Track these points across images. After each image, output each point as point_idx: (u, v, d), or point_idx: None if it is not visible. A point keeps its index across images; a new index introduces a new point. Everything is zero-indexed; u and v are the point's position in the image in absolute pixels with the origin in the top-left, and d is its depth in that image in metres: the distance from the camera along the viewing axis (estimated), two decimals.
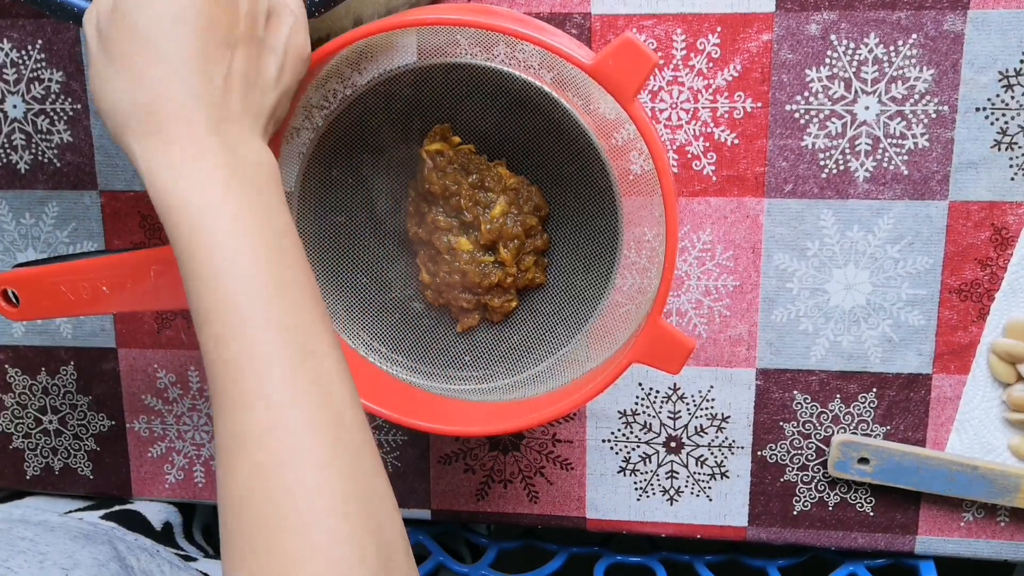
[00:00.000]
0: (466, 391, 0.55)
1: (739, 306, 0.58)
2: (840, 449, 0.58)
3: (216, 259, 0.37)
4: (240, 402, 0.36)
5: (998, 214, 0.55)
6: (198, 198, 0.38)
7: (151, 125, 0.39)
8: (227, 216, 0.38)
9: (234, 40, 0.40)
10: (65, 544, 0.51)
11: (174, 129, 0.39)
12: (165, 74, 0.39)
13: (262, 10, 0.42)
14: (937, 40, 0.53)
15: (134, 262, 0.49)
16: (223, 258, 0.37)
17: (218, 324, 0.37)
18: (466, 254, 0.54)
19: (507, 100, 0.52)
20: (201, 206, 0.38)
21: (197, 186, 0.38)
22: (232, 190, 0.38)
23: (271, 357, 0.37)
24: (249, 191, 0.39)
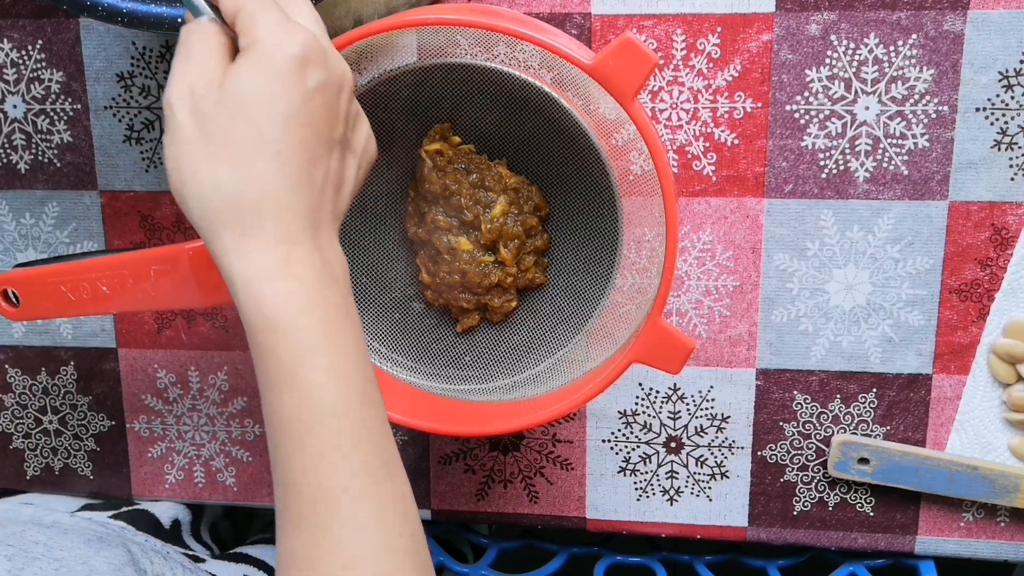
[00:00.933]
0: (466, 391, 0.55)
1: (739, 306, 0.58)
2: (840, 449, 0.58)
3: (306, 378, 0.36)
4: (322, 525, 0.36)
5: (998, 214, 0.55)
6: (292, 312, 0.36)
7: (250, 225, 0.37)
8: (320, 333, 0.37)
9: (332, 142, 0.39)
10: (79, 549, 0.50)
11: (273, 232, 0.37)
12: (274, 173, 0.37)
13: (353, 112, 0.41)
14: (937, 40, 0.53)
15: (134, 262, 0.49)
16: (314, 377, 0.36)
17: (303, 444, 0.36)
18: (466, 254, 0.54)
19: (507, 100, 0.52)
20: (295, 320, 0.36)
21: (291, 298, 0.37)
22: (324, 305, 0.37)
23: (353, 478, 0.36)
24: (337, 303, 0.38)
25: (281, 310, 0.36)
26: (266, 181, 0.37)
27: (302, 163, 0.37)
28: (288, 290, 0.37)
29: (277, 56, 0.37)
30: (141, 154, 0.60)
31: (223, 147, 0.37)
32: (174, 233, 0.61)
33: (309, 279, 0.37)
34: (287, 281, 0.37)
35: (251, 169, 0.37)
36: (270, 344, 0.37)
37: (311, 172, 0.38)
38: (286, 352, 0.36)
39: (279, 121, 0.36)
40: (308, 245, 0.37)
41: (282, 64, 0.37)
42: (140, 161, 0.60)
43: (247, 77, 0.37)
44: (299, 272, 0.37)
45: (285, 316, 0.36)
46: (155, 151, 0.60)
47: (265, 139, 0.36)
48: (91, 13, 0.46)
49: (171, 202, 0.61)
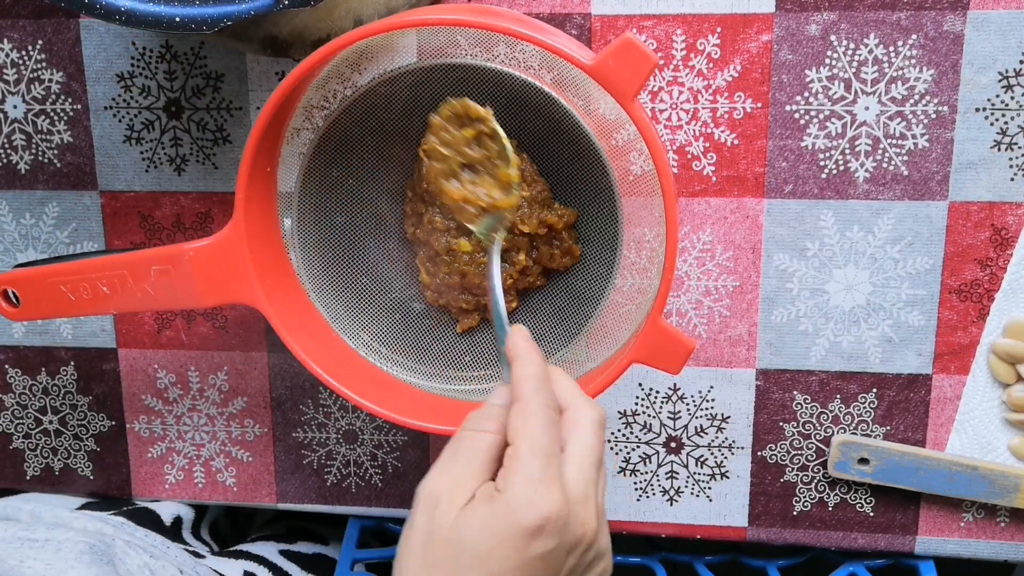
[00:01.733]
0: (466, 391, 0.55)
1: (739, 306, 0.58)
2: (840, 449, 0.58)
3: None
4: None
5: (998, 214, 0.55)
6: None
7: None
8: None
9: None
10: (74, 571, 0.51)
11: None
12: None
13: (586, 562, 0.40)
14: (937, 40, 0.53)
15: (134, 262, 0.49)
16: None
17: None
18: (466, 255, 0.54)
19: (507, 100, 0.52)
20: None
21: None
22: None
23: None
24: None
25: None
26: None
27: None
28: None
29: (513, 518, 0.37)
30: (141, 154, 0.60)
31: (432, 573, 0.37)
32: (174, 233, 0.61)
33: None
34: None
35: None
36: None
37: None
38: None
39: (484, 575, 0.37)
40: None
41: (514, 528, 0.37)
42: (140, 161, 0.60)
43: (476, 524, 0.37)
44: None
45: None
46: (155, 151, 0.60)
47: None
48: (89, 11, 0.46)
49: (171, 202, 0.61)
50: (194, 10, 0.46)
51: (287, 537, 0.70)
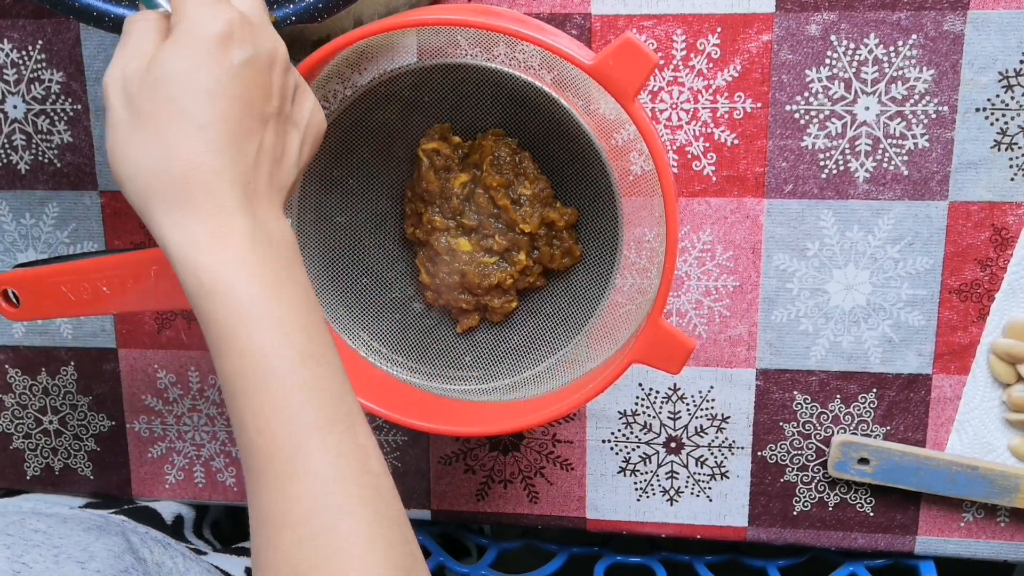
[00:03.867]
0: (466, 391, 0.55)
1: (739, 306, 0.58)
2: (840, 449, 0.58)
3: (247, 339, 0.37)
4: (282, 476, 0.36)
5: (998, 214, 0.55)
6: (228, 277, 0.37)
7: (180, 197, 0.38)
8: (257, 296, 0.37)
9: (266, 116, 0.40)
10: (79, 536, 0.51)
11: (204, 203, 0.38)
12: (199, 146, 0.38)
13: (290, 87, 0.41)
14: (937, 40, 0.53)
15: (134, 262, 0.49)
16: (254, 338, 0.37)
17: (253, 402, 0.37)
18: (465, 255, 0.54)
19: (507, 100, 0.52)
20: (231, 286, 0.37)
21: (226, 265, 0.37)
22: (261, 270, 0.38)
23: (309, 433, 0.37)
24: (277, 268, 0.39)
25: (216, 276, 0.37)
26: (192, 155, 0.38)
27: (230, 136, 0.38)
28: (222, 258, 0.37)
29: (200, 34, 0.38)
30: None
31: (149, 125, 0.38)
32: None
33: (243, 246, 0.38)
34: (221, 249, 0.37)
35: (177, 145, 0.38)
36: (209, 310, 0.37)
37: (241, 145, 0.38)
38: (224, 317, 0.37)
39: (202, 96, 0.37)
40: (242, 215, 0.38)
41: (204, 41, 0.38)
42: None
43: (170, 56, 0.38)
44: (233, 240, 0.38)
45: (220, 282, 0.37)
46: None
47: (189, 114, 0.37)
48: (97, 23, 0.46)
49: None
50: None
51: None
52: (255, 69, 0.39)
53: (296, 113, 0.42)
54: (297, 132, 0.42)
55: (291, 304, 0.38)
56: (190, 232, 0.38)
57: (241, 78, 0.38)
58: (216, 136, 0.38)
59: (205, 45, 0.38)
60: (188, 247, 0.38)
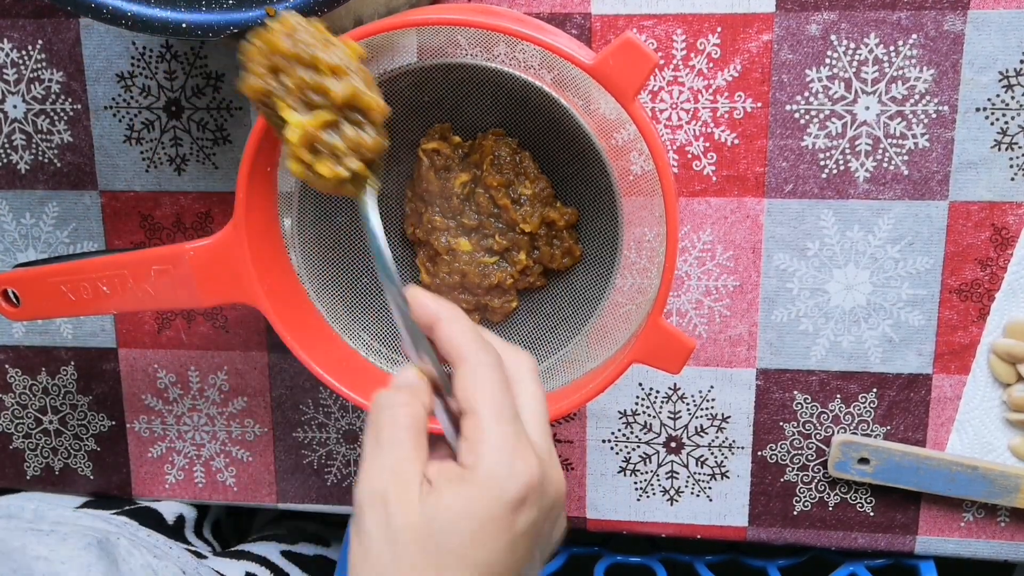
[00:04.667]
0: None
1: (739, 306, 0.58)
2: (840, 449, 0.58)
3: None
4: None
5: (998, 214, 0.55)
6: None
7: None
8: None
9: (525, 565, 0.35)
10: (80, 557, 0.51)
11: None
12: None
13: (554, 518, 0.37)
14: (937, 40, 0.53)
15: (134, 262, 0.49)
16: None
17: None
18: (465, 255, 0.54)
19: (507, 100, 0.52)
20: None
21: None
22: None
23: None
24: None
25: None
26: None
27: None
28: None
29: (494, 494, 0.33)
30: (141, 154, 0.60)
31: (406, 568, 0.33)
32: (174, 233, 0.61)
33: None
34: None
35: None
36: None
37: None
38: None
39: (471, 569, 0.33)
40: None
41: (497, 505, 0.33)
42: (140, 161, 0.60)
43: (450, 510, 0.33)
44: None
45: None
46: (155, 151, 0.60)
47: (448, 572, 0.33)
48: (96, 15, 0.45)
49: (171, 202, 0.61)
50: (201, 16, 0.46)
51: (288, 538, 0.70)
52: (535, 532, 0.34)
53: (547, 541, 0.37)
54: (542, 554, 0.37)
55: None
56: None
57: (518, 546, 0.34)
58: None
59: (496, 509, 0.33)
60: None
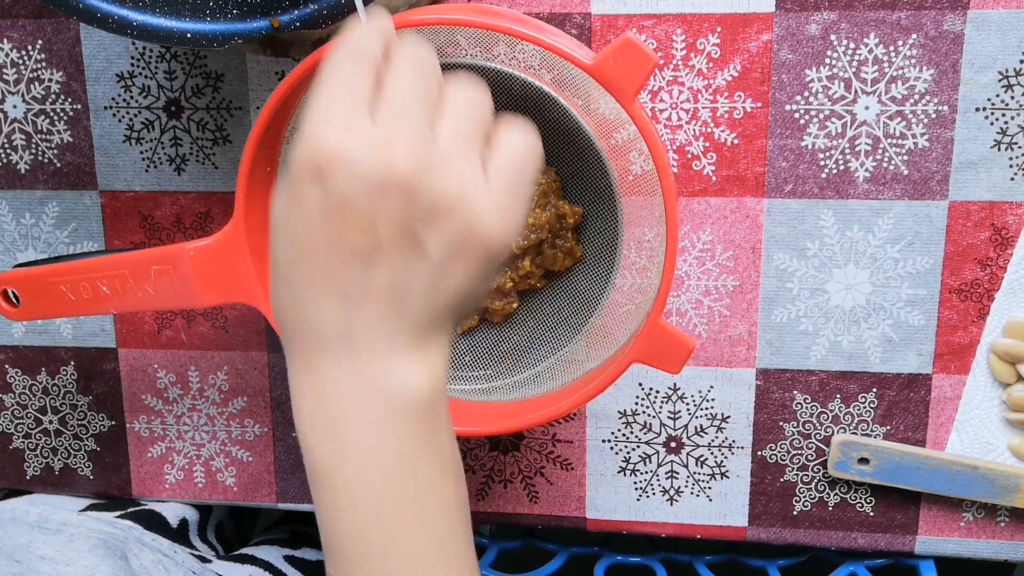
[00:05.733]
0: (466, 391, 0.55)
1: (739, 306, 0.58)
2: (840, 449, 0.58)
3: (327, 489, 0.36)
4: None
5: (998, 214, 0.55)
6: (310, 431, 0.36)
7: (287, 344, 0.37)
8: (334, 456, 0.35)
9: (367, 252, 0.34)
10: (86, 559, 0.51)
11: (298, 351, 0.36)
12: (286, 295, 0.36)
13: (414, 215, 0.34)
14: (937, 40, 0.53)
15: (134, 262, 0.49)
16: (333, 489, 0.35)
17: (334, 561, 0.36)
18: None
19: (507, 100, 0.52)
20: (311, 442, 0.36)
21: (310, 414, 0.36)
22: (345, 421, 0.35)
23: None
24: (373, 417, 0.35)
25: (300, 428, 0.36)
26: (284, 306, 0.36)
27: (311, 283, 0.35)
28: (308, 409, 0.36)
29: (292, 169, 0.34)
30: (141, 154, 0.60)
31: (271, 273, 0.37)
32: (174, 233, 0.61)
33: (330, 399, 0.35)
34: (306, 400, 0.36)
35: (276, 296, 0.37)
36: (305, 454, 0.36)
37: (331, 289, 0.34)
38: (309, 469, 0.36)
39: (283, 241, 0.35)
40: (334, 366, 0.35)
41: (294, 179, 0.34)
42: (140, 161, 0.60)
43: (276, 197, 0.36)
44: (321, 392, 0.35)
45: (304, 436, 0.36)
46: (155, 151, 0.60)
47: (276, 261, 0.36)
48: (101, 24, 0.46)
49: (171, 202, 0.61)
50: (206, 26, 0.46)
51: (291, 543, 0.70)
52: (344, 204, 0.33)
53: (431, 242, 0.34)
54: (426, 263, 0.34)
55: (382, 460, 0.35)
56: (291, 376, 0.37)
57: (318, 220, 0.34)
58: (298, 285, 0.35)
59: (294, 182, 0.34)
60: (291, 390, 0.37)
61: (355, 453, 0.35)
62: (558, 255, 0.54)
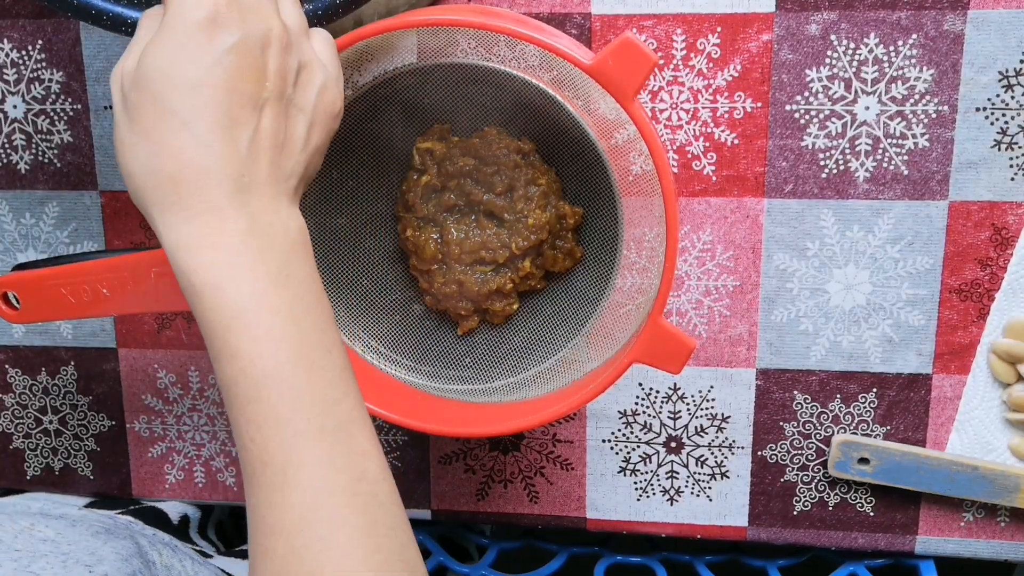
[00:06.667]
0: (467, 392, 0.55)
1: (739, 306, 0.58)
2: (840, 449, 0.58)
3: (237, 344, 0.36)
4: (274, 486, 0.36)
5: (998, 214, 0.55)
6: (217, 280, 0.36)
7: (172, 196, 0.37)
8: (248, 300, 0.36)
9: (261, 102, 0.38)
10: (87, 541, 0.51)
11: (195, 200, 0.37)
12: (186, 142, 0.37)
13: (292, 68, 0.39)
14: (937, 40, 0.53)
15: (134, 264, 0.49)
16: (243, 344, 0.36)
17: (246, 409, 0.36)
18: (461, 267, 0.54)
19: (507, 100, 0.52)
20: (221, 288, 0.36)
21: (217, 266, 0.37)
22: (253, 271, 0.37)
23: (300, 441, 0.36)
24: (273, 268, 0.37)
25: (204, 278, 0.37)
26: (177, 153, 0.37)
27: (216, 128, 0.37)
28: (210, 258, 0.37)
29: (181, 24, 0.36)
30: None
31: (141, 127, 0.37)
32: None
33: (233, 246, 0.37)
34: (211, 250, 0.37)
35: (163, 143, 0.37)
36: (202, 313, 0.37)
37: (231, 136, 0.37)
38: (216, 320, 0.37)
39: (185, 89, 0.36)
40: (232, 212, 0.37)
41: (186, 30, 0.36)
42: None
43: (153, 49, 0.37)
44: (223, 240, 0.37)
45: (210, 285, 0.37)
46: None
47: (172, 110, 0.36)
48: (96, 21, 0.46)
49: None
50: None
51: None
52: (242, 53, 0.37)
53: (300, 96, 0.40)
54: (303, 115, 0.40)
55: (286, 307, 0.37)
56: (183, 233, 0.37)
57: (225, 64, 0.37)
58: (202, 130, 0.36)
59: (187, 34, 0.36)
60: (181, 249, 0.37)
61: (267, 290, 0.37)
62: (558, 256, 0.54)
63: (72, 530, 0.51)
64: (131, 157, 0.38)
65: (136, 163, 0.38)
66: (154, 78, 0.37)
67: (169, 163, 0.37)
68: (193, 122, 0.37)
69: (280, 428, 0.36)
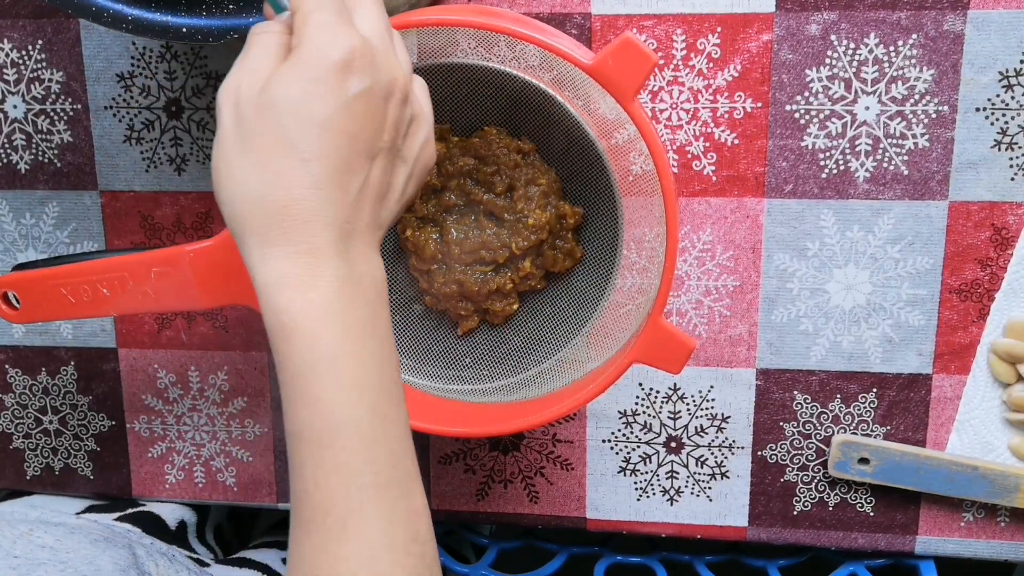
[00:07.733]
0: (467, 392, 0.55)
1: (739, 306, 0.58)
2: (840, 449, 0.58)
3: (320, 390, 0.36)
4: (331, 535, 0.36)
5: (998, 214, 0.55)
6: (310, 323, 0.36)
7: (274, 231, 0.36)
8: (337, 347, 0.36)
9: (375, 151, 0.38)
10: (86, 549, 0.51)
11: (297, 241, 0.36)
12: (301, 181, 0.36)
13: (405, 119, 0.39)
14: (937, 40, 0.53)
15: (134, 264, 0.49)
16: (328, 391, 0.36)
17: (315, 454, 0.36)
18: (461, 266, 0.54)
19: (507, 100, 0.52)
20: (312, 332, 0.36)
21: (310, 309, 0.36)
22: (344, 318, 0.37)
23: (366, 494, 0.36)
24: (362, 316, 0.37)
25: (297, 319, 0.36)
26: (292, 189, 0.36)
27: (333, 172, 0.36)
28: (306, 300, 0.36)
29: (317, 61, 0.36)
30: (141, 154, 0.60)
31: (254, 150, 0.36)
32: (174, 233, 0.61)
33: (330, 291, 0.36)
34: (306, 291, 0.36)
35: (279, 176, 0.36)
36: (287, 353, 0.36)
37: (345, 182, 0.37)
38: (300, 362, 0.36)
39: (312, 128, 0.36)
40: (335, 257, 0.37)
41: (321, 69, 0.36)
42: (140, 161, 0.60)
43: (285, 81, 0.36)
44: (322, 284, 0.36)
45: (300, 326, 0.36)
46: (155, 151, 0.60)
47: (295, 145, 0.36)
48: (96, 19, 0.46)
49: (171, 202, 0.61)
50: (201, 22, 0.46)
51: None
52: (370, 102, 0.37)
53: (407, 147, 0.40)
54: (405, 167, 0.40)
55: (370, 357, 0.37)
56: (280, 270, 0.36)
57: (354, 111, 0.36)
58: (320, 172, 0.36)
59: (322, 73, 0.36)
60: (275, 285, 0.36)
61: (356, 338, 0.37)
62: (558, 256, 0.54)
63: (71, 537, 0.51)
64: (239, 181, 0.37)
65: (243, 188, 0.37)
66: (283, 110, 0.36)
67: (281, 196, 0.36)
68: (313, 161, 0.36)
69: (349, 478, 0.36)
